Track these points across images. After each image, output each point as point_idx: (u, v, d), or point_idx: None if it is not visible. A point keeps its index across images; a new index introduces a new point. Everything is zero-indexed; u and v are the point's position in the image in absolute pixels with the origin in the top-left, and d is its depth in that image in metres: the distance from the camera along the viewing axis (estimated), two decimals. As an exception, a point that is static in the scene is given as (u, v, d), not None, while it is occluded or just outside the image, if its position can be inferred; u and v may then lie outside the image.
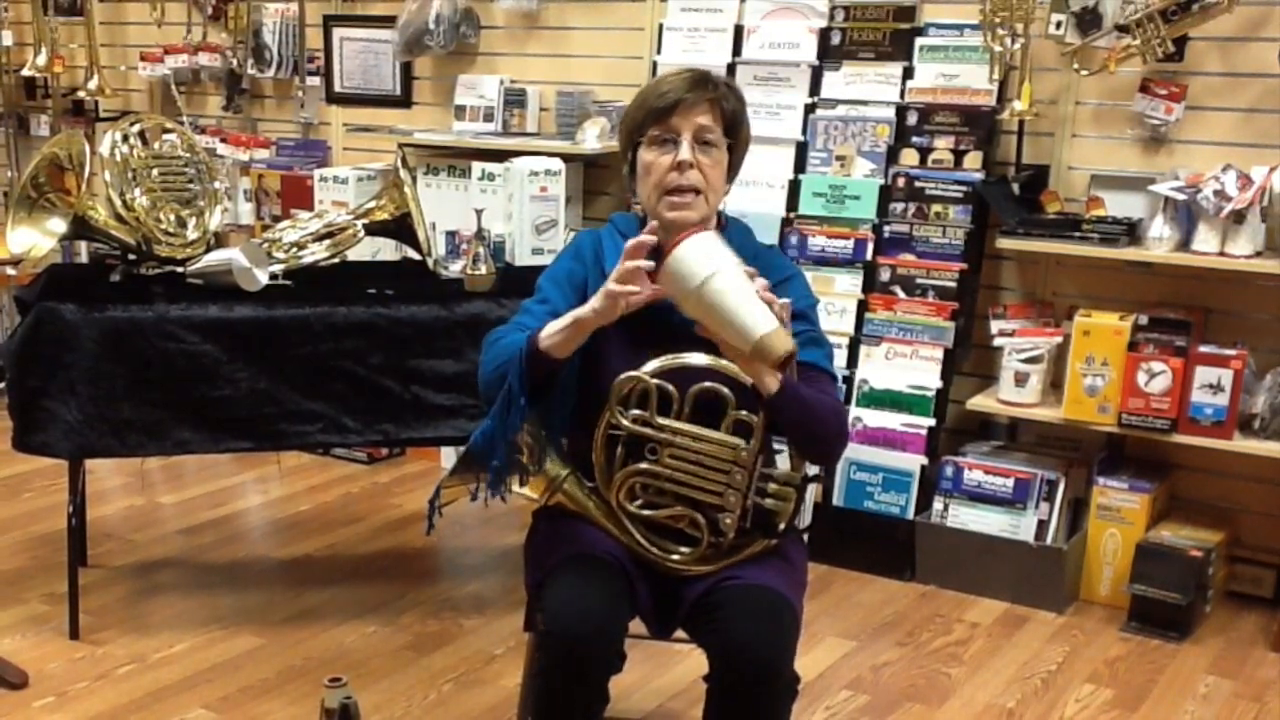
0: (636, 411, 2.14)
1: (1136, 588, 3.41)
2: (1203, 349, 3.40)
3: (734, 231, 2.31)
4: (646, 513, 2.19)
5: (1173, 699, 3.08)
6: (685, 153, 2.18)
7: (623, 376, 2.14)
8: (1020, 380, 3.60)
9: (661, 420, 2.14)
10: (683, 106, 2.19)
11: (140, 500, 4.18)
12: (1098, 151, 3.70)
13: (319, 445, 3.90)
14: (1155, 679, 3.17)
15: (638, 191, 2.27)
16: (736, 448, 2.13)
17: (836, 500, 3.79)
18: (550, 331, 2.14)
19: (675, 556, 2.20)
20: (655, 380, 2.13)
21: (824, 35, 3.97)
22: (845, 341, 3.80)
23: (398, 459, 4.66)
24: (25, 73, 5.27)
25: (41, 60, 5.10)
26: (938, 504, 3.67)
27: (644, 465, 2.16)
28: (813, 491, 3.62)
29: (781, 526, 2.18)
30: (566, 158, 3.76)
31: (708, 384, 2.13)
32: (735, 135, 2.25)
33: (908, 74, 3.86)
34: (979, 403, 3.70)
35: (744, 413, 2.13)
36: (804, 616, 2.22)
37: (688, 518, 2.17)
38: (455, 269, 3.45)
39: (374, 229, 3.44)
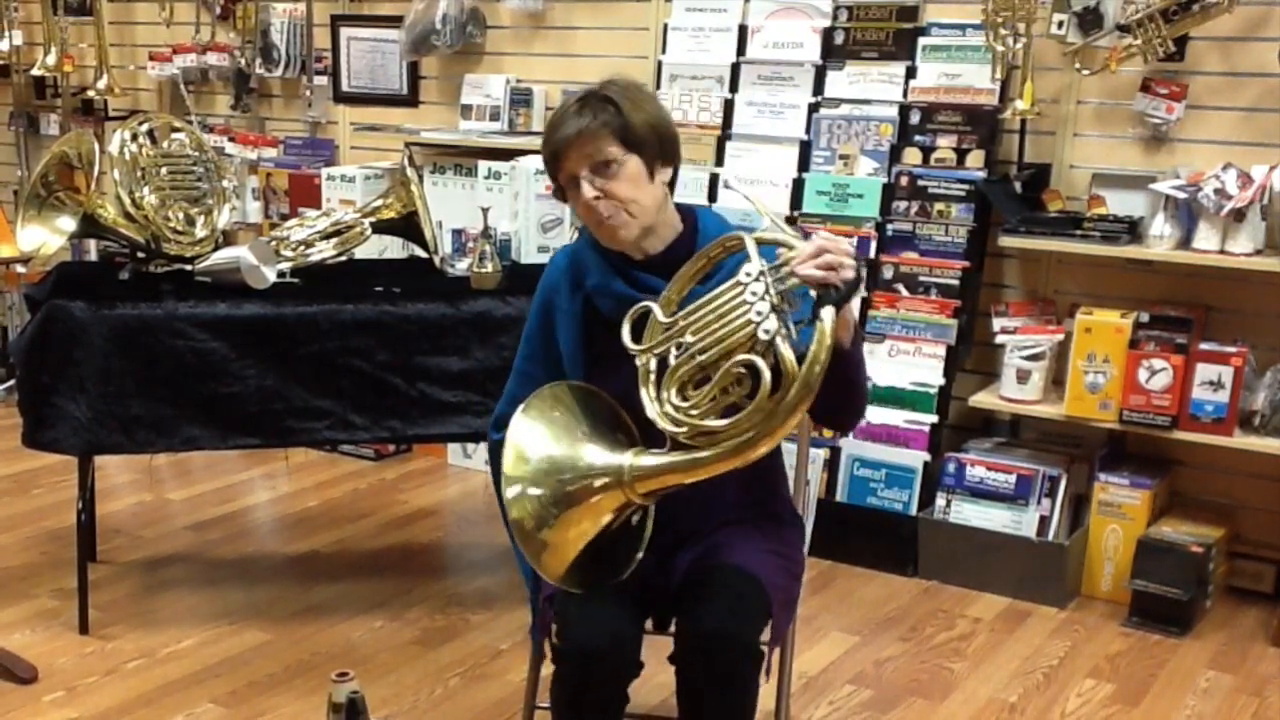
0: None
1: (1137, 583, 3.43)
2: (1203, 346, 3.42)
3: (708, 223, 2.26)
4: (702, 403, 2.01)
5: (1173, 694, 3.10)
6: (588, 192, 2.15)
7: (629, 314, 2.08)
8: (1022, 377, 3.61)
9: (667, 319, 2.05)
10: (569, 148, 2.15)
11: (149, 496, 4.21)
12: (1099, 150, 3.72)
13: (326, 442, 3.91)
14: (1156, 674, 3.19)
15: None
16: (736, 281, 2.01)
17: (840, 496, 3.81)
18: None
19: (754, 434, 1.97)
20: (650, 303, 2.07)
21: (828, 35, 3.99)
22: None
23: (405, 456, 4.68)
24: (35, 72, 5.30)
25: (51, 60, 5.12)
26: (940, 500, 3.69)
27: (674, 360, 2.03)
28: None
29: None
30: (571, 156, 3.77)
31: None
32: (636, 143, 2.16)
33: (910, 73, 3.87)
34: (981, 399, 3.72)
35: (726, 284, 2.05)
36: (807, 611, 2.23)
37: (745, 367, 1.98)
38: (461, 267, 3.47)
39: (381, 227, 3.46)
